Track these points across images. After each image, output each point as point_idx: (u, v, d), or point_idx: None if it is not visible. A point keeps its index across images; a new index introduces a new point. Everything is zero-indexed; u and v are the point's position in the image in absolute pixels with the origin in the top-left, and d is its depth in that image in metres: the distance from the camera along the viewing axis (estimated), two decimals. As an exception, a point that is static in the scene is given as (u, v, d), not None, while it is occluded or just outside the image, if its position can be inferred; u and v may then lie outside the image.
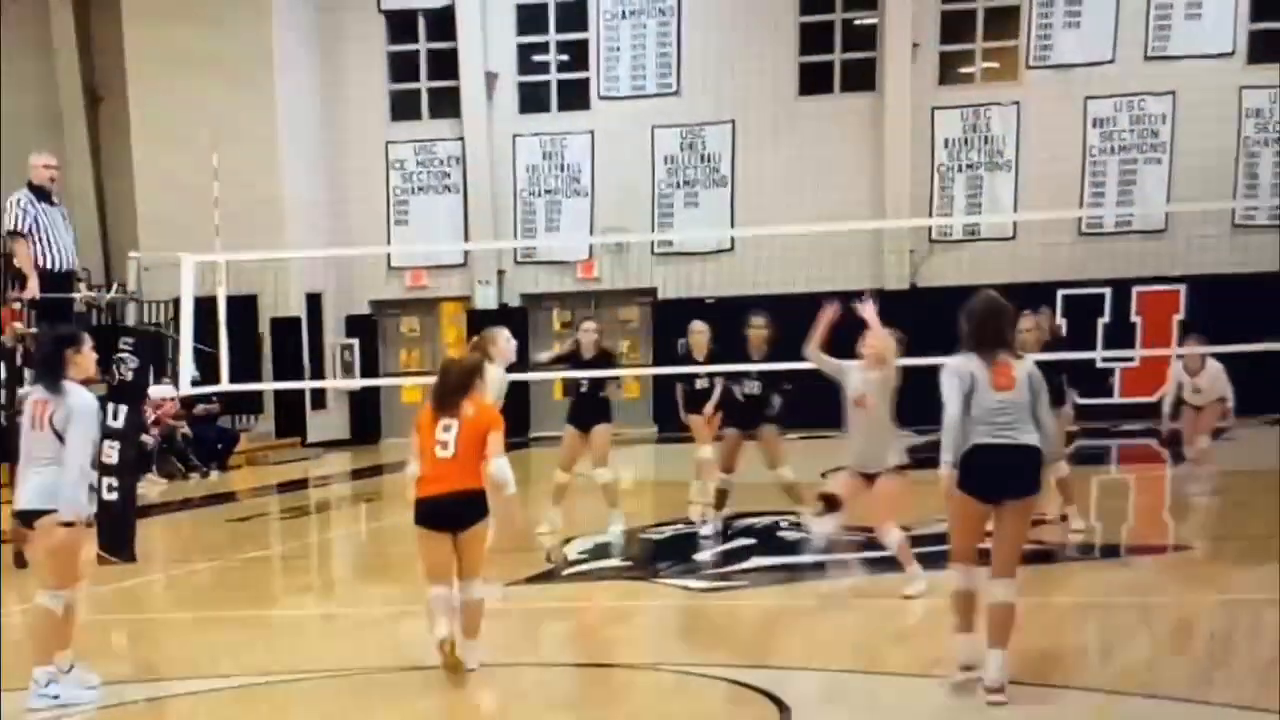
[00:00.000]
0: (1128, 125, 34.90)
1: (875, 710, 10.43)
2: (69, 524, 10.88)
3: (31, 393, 11.15)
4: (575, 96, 37.86)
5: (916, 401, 15.54)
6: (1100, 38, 35.05)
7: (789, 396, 18.31)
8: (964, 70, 36.44)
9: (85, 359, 11.14)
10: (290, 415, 35.84)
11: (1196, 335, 21.82)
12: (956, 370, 10.35)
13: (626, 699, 11.02)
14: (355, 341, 37.58)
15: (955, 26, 36.16)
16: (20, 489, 11.08)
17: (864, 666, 11.54)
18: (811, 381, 15.95)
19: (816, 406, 17.25)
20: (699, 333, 20.78)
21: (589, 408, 19.15)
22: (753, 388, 18.35)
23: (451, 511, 11.57)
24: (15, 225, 18.27)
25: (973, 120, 35.68)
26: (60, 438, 10.84)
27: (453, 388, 11.88)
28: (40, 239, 18.30)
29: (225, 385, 22.18)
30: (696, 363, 20.70)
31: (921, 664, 11.43)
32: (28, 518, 11.03)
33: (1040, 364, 10.66)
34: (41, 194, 18.45)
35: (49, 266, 18.36)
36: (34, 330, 18.68)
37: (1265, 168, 33.98)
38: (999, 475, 10.20)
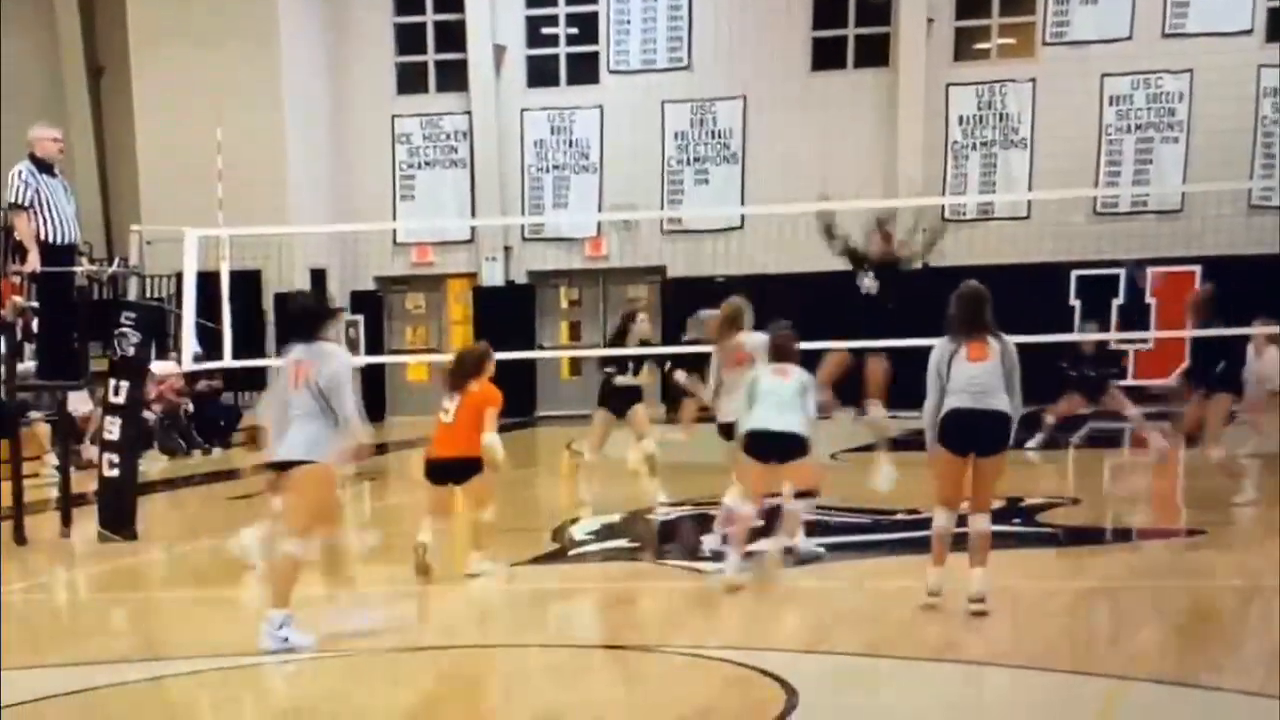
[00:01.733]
0: (1144, 103, 34.90)
1: (882, 694, 10.45)
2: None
3: (289, 353, 12.08)
4: (584, 70, 37.85)
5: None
6: (1117, 14, 35.05)
7: None
8: (979, 46, 36.47)
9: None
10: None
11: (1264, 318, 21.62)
12: (936, 360, 12.60)
13: (632, 680, 11.03)
14: (360, 318, 37.55)
15: (970, 2, 36.16)
16: (282, 442, 11.94)
17: (872, 650, 11.57)
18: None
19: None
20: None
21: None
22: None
23: (449, 472, 14.70)
24: (16, 198, 18.24)
25: (988, 97, 35.70)
26: (322, 395, 11.77)
27: (465, 373, 14.73)
28: (42, 212, 18.28)
29: (228, 361, 22.25)
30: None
31: (930, 649, 11.45)
32: (286, 467, 11.99)
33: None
34: (43, 166, 18.42)
35: (50, 240, 18.31)
36: (34, 304, 18.66)
37: (1281, 147, 34.03)
38: (971, 434, 12.39)
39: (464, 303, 37.92)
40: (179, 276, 22.73)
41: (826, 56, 36.66)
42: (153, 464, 26.59)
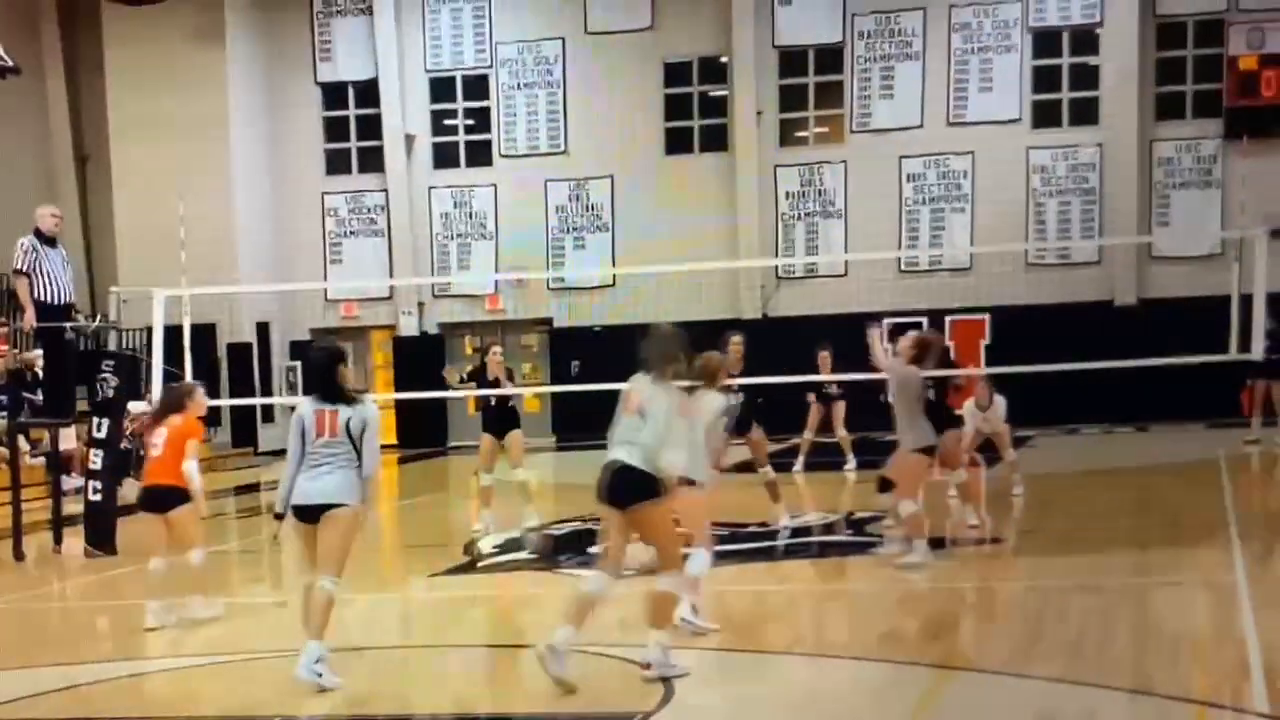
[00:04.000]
0: (936, 180, 34.92)
1: (746, 682, 10.23)
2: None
3: (305, 403, 10.69)
4: (480, 155, 37.58)
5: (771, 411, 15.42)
6: (910, 107, 35.08)
7: None
8: (799, 134, 36.34)
9: (350, 371, 10.87)
10: (244, 427, 35.42)
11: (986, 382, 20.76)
12: None
13: (534, 676, 10.74)
14: (298, 364, 37.05)
15: (791, 97, 36.07)
16: (309, 485, 10.46)
17: (736, 644, 11.35)
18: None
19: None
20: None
21: (502, 417, 18.89)
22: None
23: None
24: (18, 265, 18.06)
25: (808, 176, 35.61)
26: (352, 441, 10.41)
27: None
28: (40, 277, 18.03)
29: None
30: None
31: (786, 642, 11.27)
32: (315, 512, 10.42)
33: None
34: (45, 238, 18.21)
35: (48, 300, 18.13)
36: (31, 354, 18.46)
37: (1050, 215, 34.09)
38: None
39: (385, 350, 37.60)
40: (149, 330, 22.36)
41: (677, 142, 36.50)
42: (131, 489, 25.86)
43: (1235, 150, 32.45)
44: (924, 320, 32.55)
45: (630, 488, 9.85)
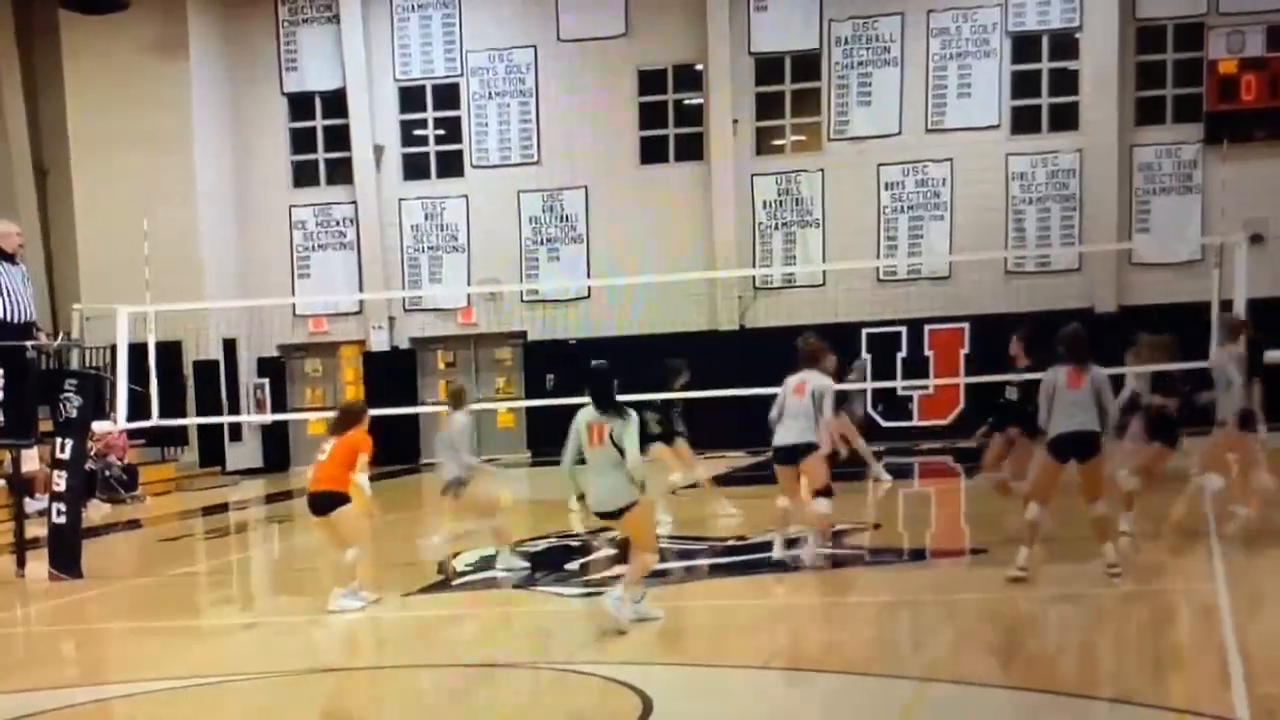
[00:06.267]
0: (914, 188, 35.04)
1: (725, 699, 10.25)
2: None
3: (583, 413, 12.40)
4: (451, 165, 37.61)
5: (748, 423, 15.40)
6: (888, 114, 35.21)
7: None
8: (776, 142, 36.43)
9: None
10: (211, 446, 35.38)
11: None
12: (1045, 382, 13.99)
13: (510, 695, 10.81)
14: (266, 381, 37.05)
15: (768, 105, 36.17)
16: (596, 493, 12.42)
17: (714, 660, 11.41)
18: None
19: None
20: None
21: None
22: None
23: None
24: (-23, 283, 17.96)
25: (785, 185, 35.70)
26: (619, 449, 12.10)
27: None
28: (1, 295, 17.94)
29: (155, 420, 21.92)
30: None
31: (763, 657, 11.31)
32: (611, 515, 12.49)
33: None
34: (4, 255, 18.09)
35: (9, 319, 18.01)
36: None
37: (1030, 222, 34.23)
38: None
39: (355, 366, 37.53)
40: (113, 348, 22.36)
41: (652, 152, 36.58)
42: (95, 511, 25.83)
43: (1215, 155, 32.65)
44: (902, 330, 32.86)
45: (1097, 446, 13.73)
